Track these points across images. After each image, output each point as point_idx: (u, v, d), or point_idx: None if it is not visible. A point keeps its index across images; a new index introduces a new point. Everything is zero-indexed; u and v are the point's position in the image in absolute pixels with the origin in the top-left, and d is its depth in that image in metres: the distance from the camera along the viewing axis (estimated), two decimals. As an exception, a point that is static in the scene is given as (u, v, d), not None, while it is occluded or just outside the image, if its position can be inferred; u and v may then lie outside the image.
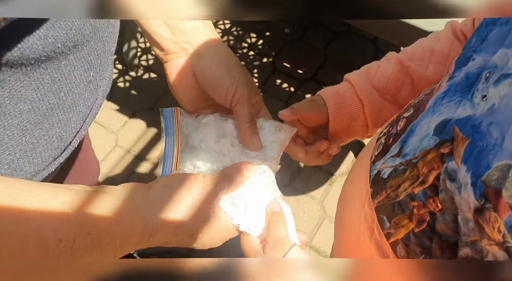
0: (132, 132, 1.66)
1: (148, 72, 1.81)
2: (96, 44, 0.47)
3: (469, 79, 0.39)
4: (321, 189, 1.54)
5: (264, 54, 1.85)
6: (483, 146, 0.34)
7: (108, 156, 1.61)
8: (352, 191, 0.54)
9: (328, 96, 0.61)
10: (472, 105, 0.37)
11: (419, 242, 0.40)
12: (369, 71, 0.62)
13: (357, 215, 0.49)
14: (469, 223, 0.35)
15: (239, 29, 1.91)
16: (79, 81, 0.46)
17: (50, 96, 0.43)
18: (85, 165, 0.76)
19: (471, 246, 0.35)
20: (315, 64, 1.79)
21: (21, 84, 0.40)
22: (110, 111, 1.69)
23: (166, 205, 0.43)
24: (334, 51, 1.83)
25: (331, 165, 1.58)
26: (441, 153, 0.38)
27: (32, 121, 0.43)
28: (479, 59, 0.40)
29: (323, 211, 1.49)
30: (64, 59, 0.43)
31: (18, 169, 0.44)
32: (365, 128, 0.62)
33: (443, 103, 0.41)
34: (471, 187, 0.34)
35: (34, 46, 0.38)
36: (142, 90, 1.76)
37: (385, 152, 0.47)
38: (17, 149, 0.43)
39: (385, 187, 0.44)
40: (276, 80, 1.77)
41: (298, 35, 1.89)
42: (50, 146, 0.46)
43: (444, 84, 0.43)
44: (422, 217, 0.40)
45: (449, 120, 0.38)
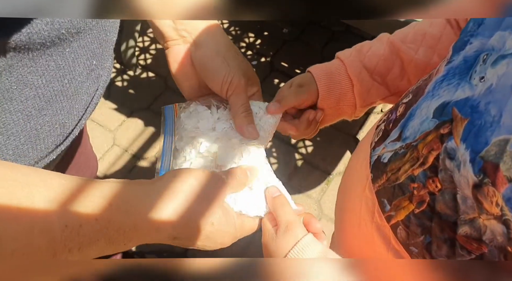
0: (130, 131, 1.66)
1: (146, 71, 1.81)
2: (98, 33, 0.47)
3: (467, 62, 0.40)
4: (318, 188, 1.54)
5: (262, 53, 1.85)
6: (481, 124, 0.34)
7: (105, 155, 1.61)
8: (353, 177, 0.54)
9: (319, 75, 0.62)
10: (471, 87, 0.38)
11: (419, 223, 0.41)
12: (360, 50, 0.63)
13: (358, 200, 0.50)
14: (468, 201, 0.36)
15: (237, 29, 1.91)
16: (82, 69, 0.47)
17: (55, 83, 0.44)
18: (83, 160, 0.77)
19: (470, 224, 0.36)
20: (313, 64, 1.79)
21: (27, 70, 0.41)
22: (107, 110, 1.69)
23: (177, 197, 0.42)
24: (332, 51, 1.82)
25: (328, 164, 1.59)
26: (440, 133, 0.39)
27: (37, 107, 0.44)
28: (477, 42, 0.40)
29: (320, 210, 1.50)
30: (68, 46, 0.44)
31: (22, 154, 0.45)
32: (353, 108, 0.63)
33: (442, 86, 0.42)
34: (470, 164, 0.34)
35: (42, 32, 0.38)
36: (140, 90, 1.76)
37: (385, 137, 0.48)
38: (21, 134, 0.44)
39: (385, 170, 0.45)
40: (274, 80, 1.77)
41: (296, 35, 1.90)
42: (53, 133, 0.47)
43: (443, 69, 0.44)
44: (422, 198, 0.40)
45: (448, 102, 0.39)
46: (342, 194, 0.59)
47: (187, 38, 0.56)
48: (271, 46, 1.87)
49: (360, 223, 0.49)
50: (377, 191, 0.46)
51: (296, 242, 0.46)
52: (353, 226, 0.51)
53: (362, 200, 0.49)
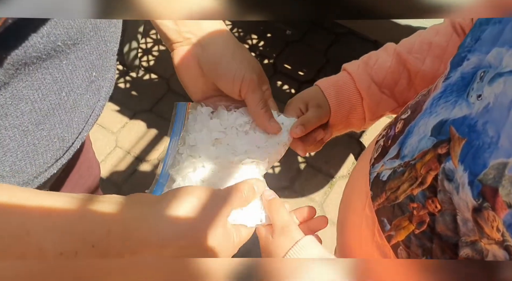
0: (132, 133, 1.66)
1: (148, 73, 1.81)
2: (97, 44, 0.46)
3: (465, 79, 0.39)
4: (321, 192, 1.54)
5: (265, 55, 1.85)
6: (479, 145, 0.34)
7: (108, 157, 1.61)
8: (353, 194, 0.54)
9: (329, 90, 0.61)
10: (468, 105, 0.37)
11: (420, 244, 0.40)
12: (367, 62, 0.61)
13: (358, 218, 0.49)
14: (468, 223, 0.35)
15: (240, 31, 1.91)
16: (81, 81, 0.46)
17: (52, 96, 0.43)
18: (86, 167, 0.76)
19: (471, 246, 0.35)
20: (316, 66, 1.79)
21: (23, 84, 0.40)
22: (110, 112, 1.69)
23: (177, 221, 0.41)
24: (335, 53, 1.82)
25: (331, 167, 1.58)
26: (438, 153, 0.38)
27: (34, 122, 0.43)
28: (474, 58, 0.40)
29: (323, 213, 1.49)
30: (65, 58, 0.43)
31: (20, 170, 0.44)
32: (362, 121, 0.62)
33: (439, 104, 0.41)
34: (469, 187, 0.34)
35: (37, 45, 0.38)
36: (143, 91, 1.76)
37: (384, 154, 0.47)
38: (18, 150, 0.43)
39: (385, 189, 0.44)
40: (277, 82, 1.77)
41: (299, 37, 1.89)
42: (51, 147, 0.46)
43: (440, 85, 0.43)
44: (422, 218, 0.40)
45: (445, 120, 0.39)
46: (343, 209, 0.58)
47: (191, 39, 0.55)
48: (274, 48, 1.87)
49: (361, 241, 0.49)
50: (377, 210, 0.45)
51: (294, 243, 0.47)
52: (355, 243, 0.51)
53: (363, 217, 0.48)
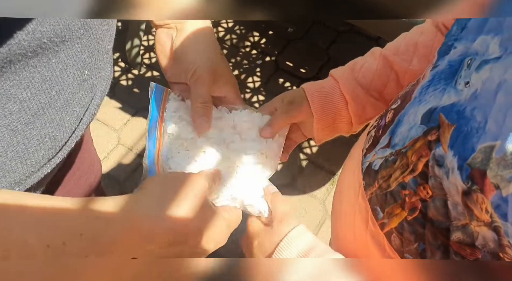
0: (135, 131, 1.66)
1: (150, 70, 1.81)
2: (89, 42, 0.46)
3: (452, 67, 0.40)
4: (323, 189, 1.54)
5: (267, 53, 1.85)
6: (467, 130, 0.34)
7: (110, 154, 1.61)
8: (346, 184, 0.54)
9: (312, 94, 0.61)
10: (456, 92, 0.38)
11: (412, 230, 0.41)
12: (353, 67, 0.62)
13: (352, 208, 0.50)
14: (458, 207, 0.36)
15: (242, 28, 1.91)
16: (72, 80, 0.45)
17: (41, 95, 0.42)
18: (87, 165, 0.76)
19: (462, 230, 0.36)
20: (318, 64, 1.79)
21: (10, 83, 0.39)
22: (112, 109, 1.69)
23: (164, 204, 0.41)
24: (336, 51, 1.82)
25: (333, 164, 1.58)
26: (428, 140, 0.39)
27: (23, 121, 0.42)
28: (461, 47, 0.40)
29: (325, 210, 1.49)
30: (54, 56, 0.42)
31: (10, 170, 0.43)
32: (349, 125, 0.63)
33: (428, 92, 0.42)
34: (458, 171, 0.34)
35: (21, 42, 0.37)
36: (145, 89, 1.76)
37: (375, 144, 0.48)
38: (8, 150, 0.42)
39: (377, 178, 0.45)
40: (278, 79, 1.77)
41: (301, 34, 1.89)
42: (43, 146, 0.45)
43: (428, 74, 0.44)
44: (414, 205, 0.40)
45: (435, 108, 0.39)
46: (337, 201, 0.59)
47: (170, 24, 0.59)
48: (276, 45, 1.87)
49: (355, 231, 0.49)
50: (370, 199, 0.46)
51: (288, 231, 0.50)
52: (349, 233, 0.52)
53: (356, 207, 0.49)
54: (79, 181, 0.73)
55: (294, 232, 0.50)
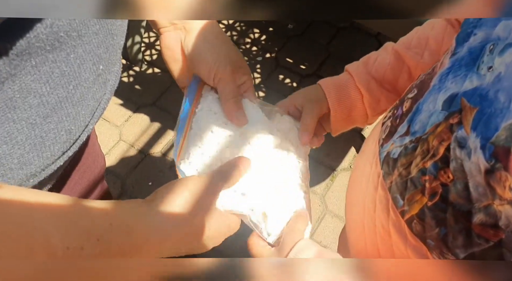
0: (136, 127, 1.67)
1: (152, 67, 1.82)
2: (105, 37, 0.47)
3: (473, 54, 0.40)
4: (323, 184, 1.55)
5: (267, 49, 1.85)
6: (491, 111, 0.34)
7: (112, 150, 1.62)
8: (362, 178, 0.54)
9: (329, 89, 0.63)
10: (479, 77, 0.38)
11: (433, 215, 0.41)
12: (367, 62, 0.64)
13: (371, 200, 0.50)
14: (480, 189, 0.36)
15: (242, 25, 1.91)
16: (88, 74, 0.46)
17: (59, 89, 0.43)
18: (91, 160, 0.77)
19: (484, 211, 0.36)
20: (318, 60, 1.80)
21: (31, 78, 0.40)
22: (114, 106, 1.70)
23: (173, 214, 0.43)
24: (336, 47, 1.83)
25: (333, 160, 1.59)
26: (450, 123, 0.39)
27: (41, 115, 0.43)
28: (481, 33, 0.41)
29: (325, 206, 1.50)
30: (73, 52, 0.43)
31: (27, 163, 0.44)
32: (364, 117, 0.64)
33: (448, 79, 0.42)
34: (481, 150, 0.34)
35: (40, 35, 0.38)
36: (146, 85, 1.77)
37: (393, 133, 0.48)
38: (26, 142, 0.43)
39: (396, 166, 0.45)
40: (279, 76, 1.78)
41: (301, 30, 1.90)
42: (59, 140, 0.46)
43: (447, 61, 0.44)
44: (434, 189, 0.40)
45: (456, 94, 0.39)
46: (352, 196, 0.58)
47: (178, 25, 0.58)
48: (276, 42, 1.87)
49: (376, 222, 0.49)
50: (389, 188, 0.46)
51: (292, 246, 0.49)
52: (369, 225, 0.51)
53: (376, 199, 0.49)
54: (84, 175, 0.74)
55: (300, 245, 0.49)
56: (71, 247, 0.36)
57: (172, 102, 1.72)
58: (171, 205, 0.44)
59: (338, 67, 1.70)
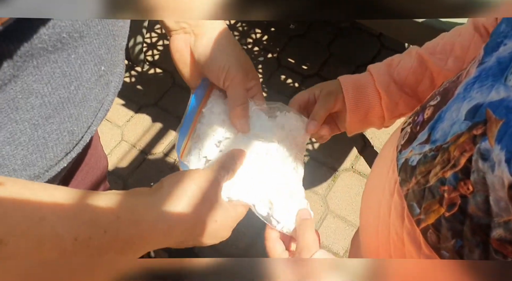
0: (138, 127, 1.67)
1: (153, 67, 1.82)
2: (106, 38, 0.47)
3: (502, 64, 0.39)
4: (325, 185, 1.55)
5: (269, 50, 1.85)
6: None
7: (113, 150, 1.62)
8: (378, 183, 0.53)
9: (347, 87, 0.63)
10: (506, 88, 0.37)
11: (450, 226, 0.40)
12: (390, 64, 0.63)
13: (387, 206, 0.49)
14: (501, 203, 0.35)
15: (244, 25, 1.91)
16: (90, 75, 0.46)
17: (61, 90, 0.44)
18: (94, 160, 0.77)
19: (504, 226, 0.35)
20: (320, 60, 1.80)
21: (33, 78, 0.40)
22: (115, 106, 1.70)
23: (180, 204, 0.44)
24: (338, 47, 1.82)
25: (335, 160, 1.59)
26: (473, 134, 0.38)
27: (44, 115, 0.43)
28: (511, 43, 0.40)
29: (326, 206, 1.50)
30: (74, 52, 0.43)
31: (31, 164, 0.45)
32: (381, 119, 0.64)
33: (474, 88, 0.41)
34: (505, 164, 0.33)
35: (42, 36, 0.38)
36: (148, 86, 1.77)
37: (412, 140, 0.47)
38: (29, 144, 0.43)
39: (415, 173, 0.44)
40: (280, 76, 1.77)
41: (302, 31, 1.89)
42: (61, 141, 0.46)
43: (474, 70, 0.43)
44: (453, 200, 0.39)
45: (481, 104, 0.38)
46: (367, 201, 0.58)
47: (187, 29, 0.58)
48: (278, 42, 1.87)
49: (390, 229, 0.49)
50: (406, 195, 0.45)
51: (311, 255, 0.50)
52: (383, 232, 0.51)
53: (391, 205, 0.48)
54: (87, 176, 0.74)
55: (317, 255, 0.50)
56: (79, 238, 0.36)
57: (174, 103, 1.72)
58: (177, 196, 0.44)
59: (340, 67, 1.71)
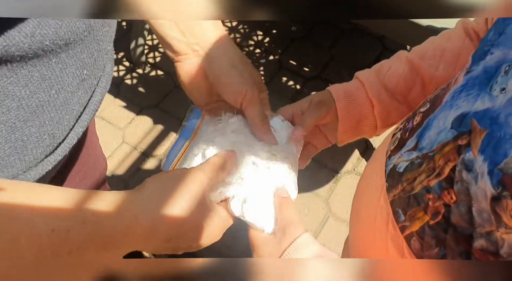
0: (139, 129, 1.67)
1: (155, 69, 1.82)
2: (89, 43, 0.46)
3: (488, 73, 0.39)
4: (326, 187, 1.54)
5: (271, 52, 1.85)
6: (500, 136, 0.34)
7: (115, 152, 1.62)
8: (368, 186, 0.53)
9: (338, 96, 0.61)
10: (491, 98, 0.37)
11: (434, 234, 0.40)
12: (380, 70, 0.61)
13: (373, 210, 0.49)
14: (484, 214, 0.35)
15: (245, 27, 1.91)
16: (71, 79, 0.46)
17: (40, 93, 0.43)
18: (92, 162, 0.77)
19: (486, 237, 0.35)
20: (321, 62, 1.79)
21: (7, 81, 0.39)
22: (117, 108, 1.70)
23: (165, 200, 0.43)
24: (340, 49, 1.82)
25: (336, 162, 1.59)
26: (458, 144, 0.38)
27: (21, 118, 0.42)
28: (498, 53, 0.40)
29: (328, 208, 1.50)
30: (55, 57, 0.42)
31: (8, 165, 0.44)
32: (374, 128, 0.62)
33: (460, 97, 0.41)
34: (488, 176, 0.33)
35: (21, 44, 0.37)
36: (149, 88, 1.77)
37: (401, 146, 0.47)
38: (6, 146, 0.42)
39: (401, 180, 0.44)
40: (282, 78, 1.77)
41: (304, 33, 1.89)
42: (41, 144, 0.46)
43: (461, 78, 0.43)
44: (437, 209, 0.40)
45: (467, 113, 0.38)
46: (357, 203, 0.58)
47: (199, 52, 0.57)
48: (279, 44, 1.87)
49: (375, 234, 0.49)
50: (392, 201, 0.46)
51: (292, 241, 0.48)
52: (368, 236, 0.51)
53: (377, 209, 0.48)
54: (85, 177, 0.74)
55: (299, 241, 0.48)
56: (56, 229, 0.35)
57: (175, 105, 1.72)
58: (161, 193, 0.43)
59: (342, 70, 1.71)
